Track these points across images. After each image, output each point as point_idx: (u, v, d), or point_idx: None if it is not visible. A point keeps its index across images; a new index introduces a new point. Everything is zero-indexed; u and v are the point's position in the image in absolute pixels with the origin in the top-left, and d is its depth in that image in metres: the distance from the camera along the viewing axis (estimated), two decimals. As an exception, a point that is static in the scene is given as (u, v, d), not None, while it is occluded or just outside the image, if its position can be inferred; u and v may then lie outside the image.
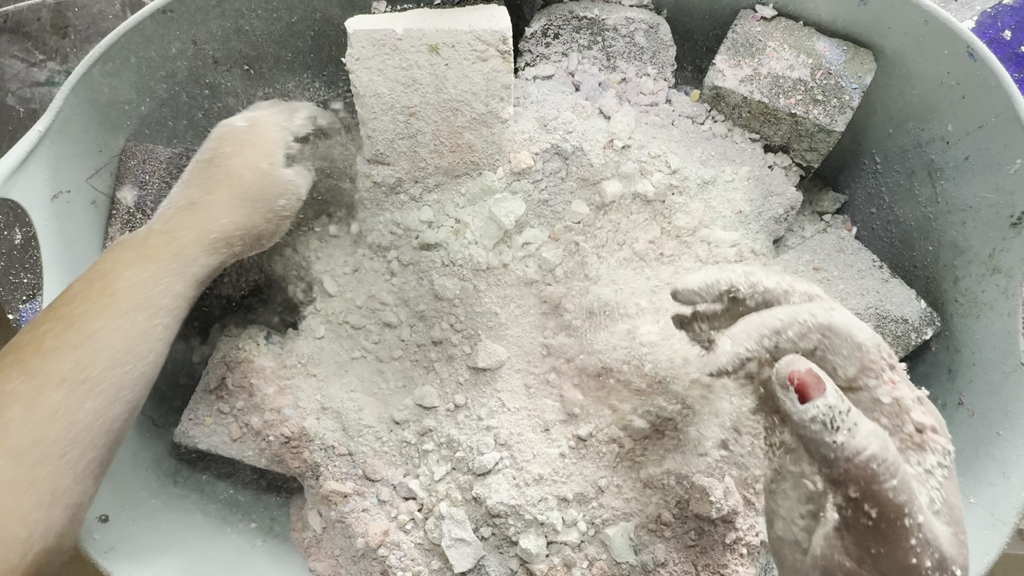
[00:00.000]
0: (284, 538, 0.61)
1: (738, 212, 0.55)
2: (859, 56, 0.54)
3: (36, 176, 0.50)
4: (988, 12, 0.66)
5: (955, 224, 0.55)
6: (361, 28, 0.49)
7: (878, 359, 0.31)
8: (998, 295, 0.52)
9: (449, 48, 0.49)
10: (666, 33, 0.57)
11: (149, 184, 0.54)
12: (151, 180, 0.54)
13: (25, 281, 0.69)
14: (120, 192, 0.54)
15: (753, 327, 0.32)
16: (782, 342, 0.32)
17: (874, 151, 0.61)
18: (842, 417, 0.29)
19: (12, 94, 0.72)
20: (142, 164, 0.54)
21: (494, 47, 0.50)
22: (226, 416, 0.56)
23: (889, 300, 0.56)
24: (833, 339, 0.32)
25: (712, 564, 0.51)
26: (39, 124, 0.49)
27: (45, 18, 0.72)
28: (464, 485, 0.53)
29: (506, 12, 0.51)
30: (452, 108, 0.51)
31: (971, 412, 0.54)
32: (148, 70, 0.54)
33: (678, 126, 0.57)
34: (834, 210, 0.65)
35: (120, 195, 0.54)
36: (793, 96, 0.54)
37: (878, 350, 0.32)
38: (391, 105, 0.51)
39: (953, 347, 0.57)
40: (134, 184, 0.54)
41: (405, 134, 0.52)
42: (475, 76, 0.50)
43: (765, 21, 0.55)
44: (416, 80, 0.50)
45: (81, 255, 0.54)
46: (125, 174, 0.54)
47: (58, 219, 0.52)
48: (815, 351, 0.32)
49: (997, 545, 0.47)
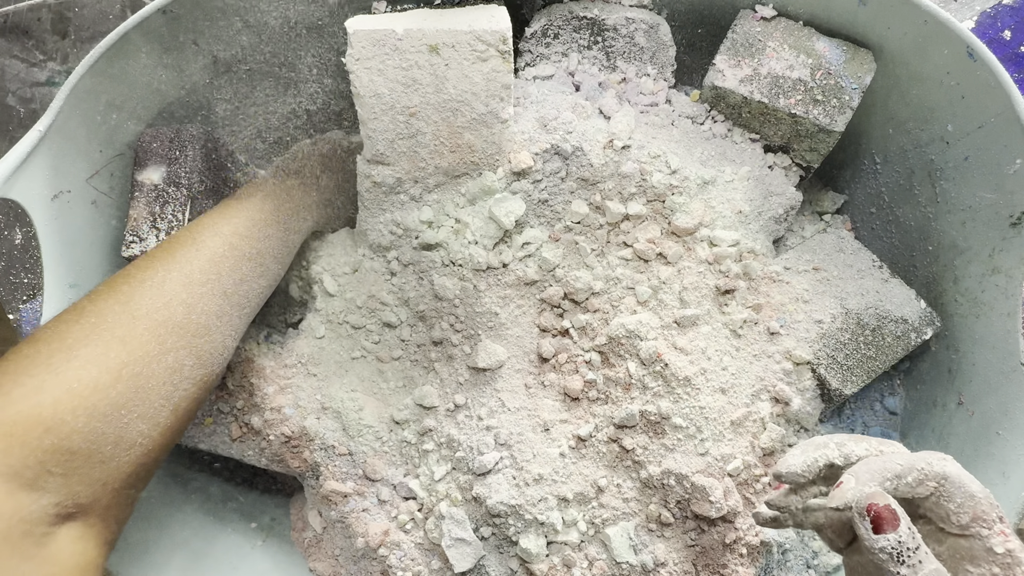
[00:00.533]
0: (284, 538, 0.61)
1: (738, 212, 0.55)
2: (859, 56, 0.54)
3: (36, 176, 0.50)
4: (988, 12, 0.66)
5: (955, 224, 0.55)
6: (361, 28, 0.49)
7: (990, 510, 0.34)
8: (998, 295, 0.52)
9: (449, 48, 0.49)
10: (666, 33, 0.57)
11: (180, 160, 0.55)
12: (183, 156, 0.55)
13: (25, 281, 0.69)
14: (141, 175, 0.55)
15: (876, 469, 0.35)
16: (901, 486, 0.34)
17: (874, 151, 0.61)
18: (909, 552, 0.32)
19: (12, 94, 0.72)
20: (169, 143, 0.55)
21: (494, 47, 0.50)
22: (226, 416, 0.56)
23: (889, 300, 0.56)
24: (947, 487, 0.34)
25: (712, 564, 0.51)
26: (39, 124, 0.49)
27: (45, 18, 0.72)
28: (464, 485, 0.53)
29: (506, 12, 0.51)
30: (452, 108, 0.51)
31: (971, 412, 0.54)
32: (148, 70, 0.54)
33: (678, 126, 0.57)
34: (834, 210, 0.65)
35: (141, 177, 0.54)
36: (793, 96, 0.54)
37: (989, 501, 0.34)
38: (391, 105, 0.51)
39: (953, 347, 0.57)
40: (160, 163, 0.55)
41: (405, 134, 0.52)
42: (475, 76, 0.50)
43: (765, 21, 0.55)
44: (416, 80, 0.50)
45: (81, 255, 0.54)
46: (147, 157, 0.55)
47: (58, 219, 0.52)
48: (929, 497, 0.34)
49: (997, 545, 0.47)
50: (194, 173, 0.54)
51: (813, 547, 0.54)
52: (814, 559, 0.54)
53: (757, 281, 0.55)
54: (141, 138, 0.56)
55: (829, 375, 0.54)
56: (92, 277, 0.55)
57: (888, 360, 0.55)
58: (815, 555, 0.54)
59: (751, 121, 0.56)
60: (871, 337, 0.55)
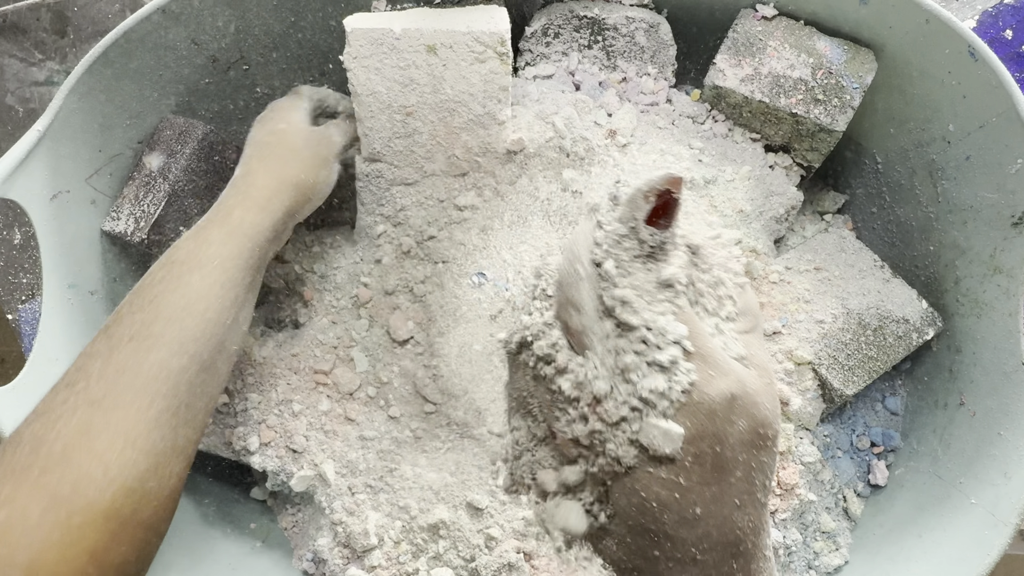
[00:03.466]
0: (284, 538, 0.60)
1: (739, 211, 0.55)
2: (860, 56, 0.54)
3: (36, 176, 0.50)
4: (989, 11, 0.66)
5: (956, 224, 0.55)
6: (359, 27, 0.49)
7: None
8: (999, 295, 0.52)
9: (447, 49, 0.49)
10: (666, 32, 0.57)
11: (178, 154, 0.55)
12: (181, 151, 0.55)
13: (25, 281, 0.69)
14: (147, 157, 0.55)
15: None
16: None
17: (875, 151, 0.60)
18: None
19: (12, 94, 0.72)
20: (177, 135, 0.55)
21: (492, 49, 0.49)
22: (225, 416, 0.56)
23: (890, 300, 0.56)
24: None
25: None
26: (39, 124, 0.49)
27: (45, 18, 0.72)
28: None
29: (506, 13, 0.51)
30: (449, 109, 0.51)
31: (972, 412, 0.54)
32: (148, 70, 0.54)
33: (679, 125, 0.57)
34: (835, 210, 0.64)
35: (146, 159, 0.55)
36: (794, 96, 0.54)
37: None
38: (388, 104, 0.51)
39: (954, 347, 0.57)
40: (163, 152, 0.55)
41: (402, 133, 0.52)
42: (472, 77, 0.50)
43: (766, 20, 0.55)
44: (413, 80, 0.50)
45: (81, 255, 0.54)
46: (157, 142, 0.56)
47: (58, 219, 0.52)
48: None
49: (999, 545, 0.47)
50: (183, 171, 0.54)
51: (815, 548, 0.54)
52: (815, 560, 0.54)
53: (759, 281, 0.55)
54: (162, 122, 0.56)
55: (830, 375, 0.54)
56: (91, 277, 0.54)
57: (889, 360, 0.55)
58: (816, 556, 0.54)
59: (752, 121, 0.56)
60: (872, 337, 0.55)
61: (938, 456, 0.56)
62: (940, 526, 0.51)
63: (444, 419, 0.55)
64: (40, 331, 0.50)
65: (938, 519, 0.52)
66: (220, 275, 0.44)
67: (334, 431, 0.55)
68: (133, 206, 0.54)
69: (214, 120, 0.60)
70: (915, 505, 0.55)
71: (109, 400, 0.38)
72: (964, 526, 0.50)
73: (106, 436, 0.37)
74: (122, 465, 0.37)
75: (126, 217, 0.53)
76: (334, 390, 0.56)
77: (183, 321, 0.41)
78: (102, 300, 0.55)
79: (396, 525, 0.52)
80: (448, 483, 0.53)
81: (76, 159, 0.52)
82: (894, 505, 0.57)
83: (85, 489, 0.35)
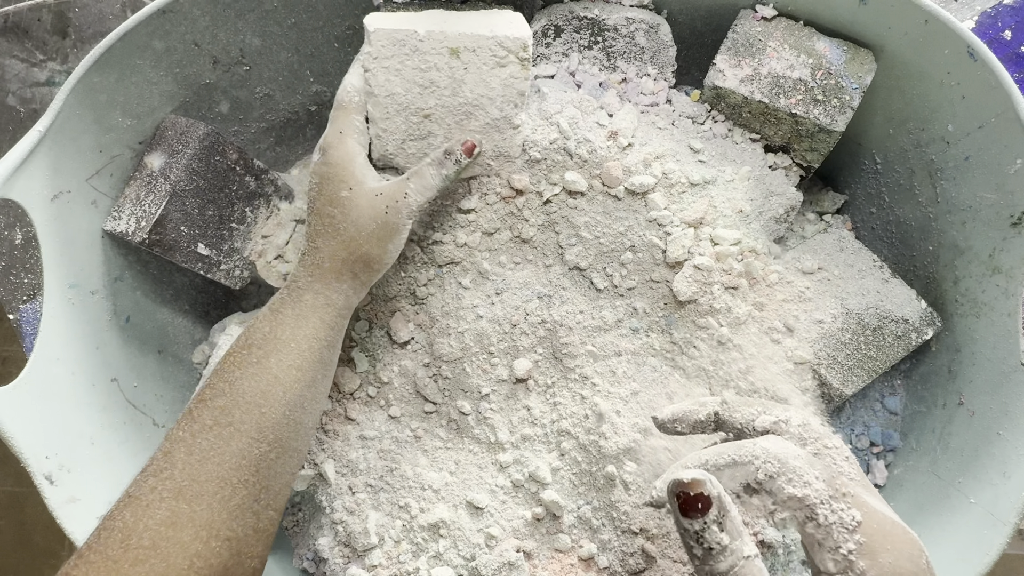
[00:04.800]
0: (284, 538, 0.61)
1: (739, 211, 0.55)
2: (859, 56, 0.54)
3: (36, 176, 0.50)
4: (988, 12, 0.66)
5: (955, 224, 0.55)
6: (382, 27, 0.48)
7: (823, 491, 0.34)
8: (998, 295, 0.52)
9: (470, 52, 0.49)
10: (666, 33, 0.57)
11: (179, 154, 0.55)
12: (182, 151, 0.55)
13: (25, 281, 0.69)
14: (148, 157, 0.55)
15: (706, 454, 0.36)
16: (738, 473, 0.36)
17: (874, 151, 0.61)
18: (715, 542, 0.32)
19: (12, 94, 0.72)
20: (178, 135, 0.55)
21: (514, 54, 0.49)
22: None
23: (890, 300, 0.56)
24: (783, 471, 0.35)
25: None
26: (39, 124, 0.49)
27: (45, 18, 0.72)
28: None
29: (523, 18, 0.51)
30: (466, 112, 0.51)
31: (971, 412, 0.54)
32: (148, 70, 0.54)
33: (678, 126, 0.57)
34: (834, 210, 0.65)
35: (148, 159, 0.55)
36: (793, 96, 0.54)
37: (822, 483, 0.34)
38: (405, 106, 0.50)
39: (953, 347, 0.57)
40: (164, 152, 0.55)
41: (416, 135, 0.51)
42: (492, 81, 0.50)
43: (765, 21, 0.55)
44: (433, 82, 0.49)
45: (81, 255, 0.54)
46: (159, 142, 0.56)
47: (58, 219, 0.52)
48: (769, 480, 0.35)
49: (997, 545, 0.47)
50: (184, 171, 0.54)
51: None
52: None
53: (758, 281, 0.55)
54: (164, 121, 0.56)
55: (830, 375, 0.54)
56: (92, 277, 0.55)
57: (889, 360, 0.55)
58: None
59: (751, 121, 0.56)
60: (872, 337, 0.55)
61: (937, 456, 0.56)
62: (939, 525, 0.52)
63: (444, 419, 0.55)
64: (41, 331, 0.50)
65: (937, 518, 0.52)
66: (296, 358, 0.44)
67: (334, 431, 0.56)
68: (134, 206, 0.54)
69: (215, 120, 0.60)
70: (914, 504, 0.55)
71: (192, 490, 0.39)
72: (963, 525, 0.50)
73: (191, 528, 0.38)
74: (207, 556, 0.38)
75: (127, 217, 0.54)
76: (334, 390, 0.56)
77: (261, 407, 0.42)
78: (103, 300, 0.56)
79: (396, 524, 0.52)
80: (448, 482, 0.53)
81: (77, 159, 0.52)
82: (893, 504, 0.57)
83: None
